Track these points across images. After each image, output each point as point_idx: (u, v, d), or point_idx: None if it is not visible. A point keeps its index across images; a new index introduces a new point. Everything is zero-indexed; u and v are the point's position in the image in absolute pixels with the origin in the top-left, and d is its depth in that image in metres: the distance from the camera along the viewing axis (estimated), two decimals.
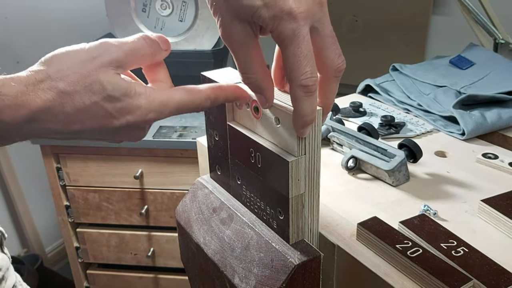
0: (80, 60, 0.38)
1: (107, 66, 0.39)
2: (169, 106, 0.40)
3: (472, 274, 0.40)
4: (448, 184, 0.58)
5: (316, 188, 0.44)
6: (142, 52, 0.41)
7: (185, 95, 0.41)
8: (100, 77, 0.38)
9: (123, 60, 0.39)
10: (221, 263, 0.49)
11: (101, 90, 0.38)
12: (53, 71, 0.38)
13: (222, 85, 0.43)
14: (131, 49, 0.40)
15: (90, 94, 0.38)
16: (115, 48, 0.40)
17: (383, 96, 0.83)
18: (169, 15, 1.32)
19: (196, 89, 0.42)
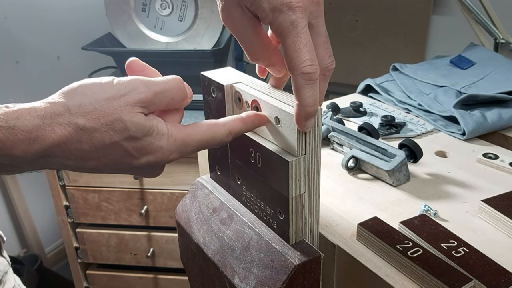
0: (105, 97, 0.37)
1: (133, 105, 0.37)
2: (190, 145, 0.40)
3: (473, 274, 0.40)
4: (448, 184, 0.58)
5: (316, 188, 0.44)
6: (172, 95, 0.40)
7: (206, 132, 0.40)
8: (123, 116, 0.36)
9: (150, 101, 0.38)
10: (221, 263, 0.48)
11: (123, 130, 0.36)
12: (74, 105, 0.36)
13: (242, 117, 0.42)
14: (162, 91, 0.39)
15: (111, 133, 0.36)
16: (144, 87, 0.38)
17: (383, 96, 0.83)
18: (169, 14, 1.32)
19: (218, 125, 0.41)
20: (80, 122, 0.35)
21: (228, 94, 0.47)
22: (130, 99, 0.37)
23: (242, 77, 0.48)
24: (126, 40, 1.35)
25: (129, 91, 0.37)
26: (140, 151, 0.38)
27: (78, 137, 0.35)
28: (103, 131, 0.36)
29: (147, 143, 0.38)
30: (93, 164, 0.37)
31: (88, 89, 0.37)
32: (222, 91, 0.46)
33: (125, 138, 0.37)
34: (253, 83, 0.46)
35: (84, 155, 0.36)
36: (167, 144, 0.39)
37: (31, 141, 0.34)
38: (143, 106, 0.38)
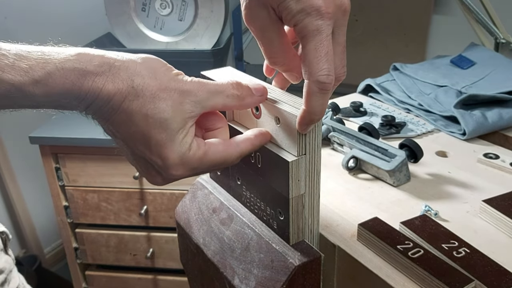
0: (170, 76, 0.38)
1: (187, 96, 0.38)
2: (203, 165, 0.40)
3: (474, 275, 0.40)
4: (449, 184, 0.57)
5: (317, 189, 0.44)
6: (227, 93, 0.40)
7: (221, 154, 0.40)
8: (172, 96, 0.37)
9: (204, 97, 0.39)
10: (221, 264, 0.48)
11: (162, 110, 0.37)
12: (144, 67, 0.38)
13: (251, 138, 0.42)
14: (215, 89, 0.39)
15: (151, 106, 0.37)
16: (200, 84, 0.39)
17: (383, 96, 0.83)
18: (169, 14, 1.31)
19: (232, 147, 0.41)
20: (135, 80, 0.37)
21: None
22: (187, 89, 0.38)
23: (242, 77, 0.47)
24: (126, 40, 1.35)
25: (189, 81, 0.39)
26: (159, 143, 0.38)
27: (125, 94, 0.36)
28: (147, 99, 0.37)
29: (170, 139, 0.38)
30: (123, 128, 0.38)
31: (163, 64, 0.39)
32: None
33: (159, 119, 0.37)
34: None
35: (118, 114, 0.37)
36: (183, 154, 0.38)
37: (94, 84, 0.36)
38: (196, 101, 0.38)
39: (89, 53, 0.36)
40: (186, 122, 0.38)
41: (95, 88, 0.36)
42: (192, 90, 0.38)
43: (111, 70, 0.36)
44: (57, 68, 0.35)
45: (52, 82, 0.35)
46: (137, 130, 0.37)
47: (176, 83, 0.38)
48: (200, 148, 0.39)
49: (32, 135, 1.27)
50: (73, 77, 0.35)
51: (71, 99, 0.36)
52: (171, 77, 0.38)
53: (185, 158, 0.39)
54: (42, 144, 1.29)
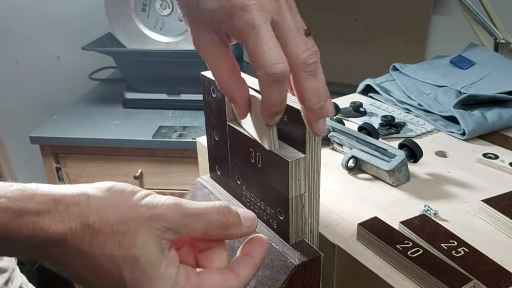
0: (131, 204, 0.33)
1: (155, 222, 0.33)
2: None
3: (473, 275, 0.40)
4: (448, 184, 0.58)
5: (316, 188, 0.44)
6: (209, 219, 0.34)
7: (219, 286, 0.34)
8: (136, 231, 0.32)
9: (178, 222, 0.33)
10: None
11: (128, 246, 0.32)
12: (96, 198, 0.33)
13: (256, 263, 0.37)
14: (194, 212, 0.34)
15: (115, 244, 0.32)
16: (174, 207, 0.33)
17: (383, 96, 0.83)
18: (169, 14, 1.32)
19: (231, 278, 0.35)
20: (89, 218, 0.32)
21: None
22: (155, 216, 0.33)
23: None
24: (126, 40, 1.35)
25: (158, 204, 0.33)
26: (137, 282, 0.32)
27: (81, 234, 0.32)
28: (108, 237, 0.32)
29: (148, 276, 0.32)
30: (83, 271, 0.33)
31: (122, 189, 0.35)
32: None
33: (127, 256, 0.32)
34: (253, 83, 0.46)
35: (79, 256, 0.32)
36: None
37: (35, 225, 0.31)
38: (168, 227, 0.33)
39: (32, 190, 0.32)
40: (162, 251, 0.33)
41: (38, 229, 0.31)
42: (163, 214, 0.33)
43: (57, 208, 0.32)
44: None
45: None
46: (106, 274, 0.32)
47: (141, 210, 0.33)
48: (191, 280, 0.34)
49: (33, 135, 1.27)
50: (6, 218, 0.30)
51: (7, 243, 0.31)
52: (134, 204, 0.33)
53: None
54: (42, 144, 1.30)
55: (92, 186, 0.34)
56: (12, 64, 1.71)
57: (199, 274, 0.35)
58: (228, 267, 0.36)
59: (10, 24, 1.64)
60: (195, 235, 0.35)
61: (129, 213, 0.33)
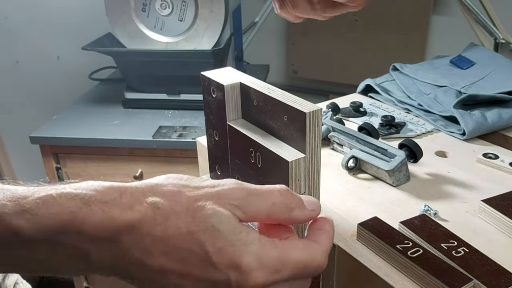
0: (196, 185, 0.32)
1: (223, 199, 0.32)
2: (287, 265, 0.31)
3: (473, 275, 0.40)
4: (448, 184, 0.58)
5: (316, 188, 0.44)
6: (273, 200, 0.33)
7: (304, 251, 0.33)
8: (208, 204, 0.31)
9: (243, 199, 0.32)
10: None
11: (204, 218, 0.30)
12: (159, 184, 0.32)
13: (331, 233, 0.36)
14: (258, 193, 0.33)
15: (189, 220, 0.30)
16: (238, 185, 0.33)
17: (383, 96, 0.83)
18: (169, 14, 1.31)
19: (314, 245, 0.34)
20: (158, 200, 0.31)
21: (228, 94, 0.47)
22: (221, 192, 0.32)
23: (242, 77, 0.48)
24: (126, 40, 1.35)
25: (222, 184, 0.33)
26: (222, 252, 0.30)
27: (153, 217, 0.30)
28: (181, 216, 0.30)
29: (232, 243, 0.30)
30: (161, 261, 0.30)
31: (180, 176, 0.33)
32: (222, 91, 0.46)
33: (205, 228, 0.30)
34: (253, 83, 0.46)
35: (153, 243, 0.30)
36: (257, 253, 0.30)
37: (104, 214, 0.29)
38: (235, 205, 0.32)
39: (90, 183, 0.32)
40: (239, 220, 0.32)
41: (107, 219, 0.29)
42: (229, 191, 0.32)
43: (123, 197, 0.31)
44: (51, 196, 0.29)
45: (44, 211, 0.28)
46: (187, 254, 0.30)
47: (206, 189, 0.32)
48: (276, 242, 0.32)
49: (33, 135, 1.27)
50: (73, 206, 0.29)
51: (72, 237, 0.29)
52: (197, 185, 0.33)
53: (263, 257, 0.30)
54: (42, 144, 1.30)
55: (150, 179, 0.33)
56: (12, 64, 1.71)
57: (282, 241, 0.33)
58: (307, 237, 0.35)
59: (10, 24, 1.64)
60: (260, 217, 0.33)
61: (195, 193, 0.32)
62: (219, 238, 0.30)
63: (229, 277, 0.30)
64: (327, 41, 1.81)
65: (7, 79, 1.73)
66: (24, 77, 1.73)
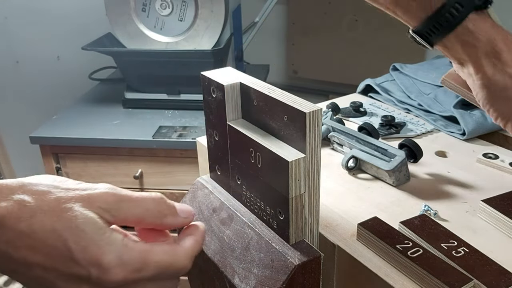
0: (67, 187, 0.34)
1: (92, 202, 0.33)
2: (148, 265, 0.34)
3: (473, 275, 0.40)
4: (448, 184, 0.58)
5: (316, 188, 0.44)
6: (146, 206, 0.36)
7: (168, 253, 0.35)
8: (75, 207, 0.32)
9: (114, 204, 0.34)
10: (221, 263, 0.48)
11: (69, 219, 0.32)
12: (29, 183, 0.33)
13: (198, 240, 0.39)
14: (131, 199, 0.35)
15: (54, 219, 0.32)
16: (111, 190, 0.35)
17: (383, 96, 0.83)
18: (169, 14, 1.32)
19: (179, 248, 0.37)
20: (25, 198, 0.32)
21: (228, 94, 0.47)
22: (91, 195, 0.34)
23: (242, 77, 0.48)
24: (126, 40, 1.35)
25: (94, 188, 0.34)
26: (85, 250, 0.32)
27: (18, 214, 0.31)
28: (47, 214, 0.32)
29: (95, 242, 0.32)
30: (25, 254, 0.31)
31: (54, 178, 0.35)
32: (222, 91, 0.46)
33: (69, 227, 0.32)
34: (253, 83, 0.46)
35: (18, 237, 0.31)
36: (119, 251, 0.33)
37: None
38: (104, 208, 0.33)
39: None
40: (105, 222, 0.34)
41: None
42: (100, 195, 0.34)
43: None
44: None
45: None
46: (51, 249, 0.32)
47: (78, 191, 0.34)
48: (139, 244, 0.34)
49: (33, 135, 1.27)
50: None
51: None
52: (69, 186, 0.34)
53: (124, 256, 0.33)
54: (42, 144, 1.30)
55: (26, 177, 0.34)
56: (12, 64, 1.71)
57: (147, 242, 0.36)
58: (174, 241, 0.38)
59: (10, 24, 1.65)
60: (131, 220, 0.35)
61: (65, 194, 0.33)
62: (83, 238, 0.32)
63: (90, 273, 0.32)
64: (327, 41, 1.81)
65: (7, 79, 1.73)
66: (24, 77, 1.73)
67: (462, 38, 0.44)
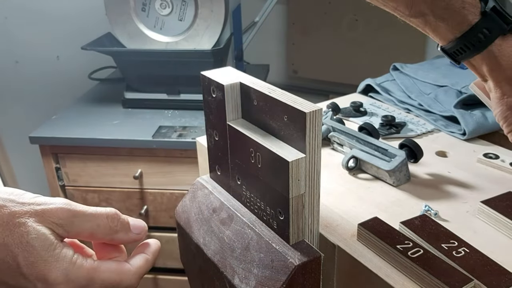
0: (21, 201, 0.34)
1: (46, 217, 0.34)
2: (94, 283, 0.35)
3: (473, 275, 0.40)
4: (449, 184, 0.57)
5: (317, 188, 0.44)
6: (98, 222, 0.37)
7: (115, 272, 0.36)
8: (28, 222, 0.33)
9: (66, 219, 0.35)
10: (221, 263, 0.48)
11: (20, 234, 0.32)
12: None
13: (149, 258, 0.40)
14: (83, 213, 0.36)
15: (7, 233, 0.32)
16: (65, 205, 0.35)
17: (383, 96, 0.83)
18: (169, 14, 1.31)
19: (127, 267, 0.37)
20: None
21: (228, 94, 0.46)
22: (45, 210, 0.34)
23: (242, 77, 0.47)
24: (126, 40, 1.35)
25: (49, 203, 0.35)
26: (33, 266, 0.33)
27: None
28: (1, 228, 0.32)
29: (44, 258, 0.33)
30: None
31: (11, 191, 0.35)
32: (222, 91, 0.46)
33: (20, 243, 0.32)
34: (253, 83, 0.46)
35: None
36: (66, 269, 0.33)
37: None
38: (57, 224, 0.34)
39: None
40: (56, 238, 0.34)
41: None
42: (53, 211, 0.35)
43: None
44: None
45: None
46: (0, 263, 0.33)
47: (32, 206, 0.34)
48: (88, 262, 0.35)
49: (32, 135, 1.27)
50: None
51: None
52: (24, 201, 0.35)
53: (71, 273, 0.34)
54: (42, 144, 1.29)
55: None
56: (12, 64, 1.71)
57: (96, 260, 0.37)
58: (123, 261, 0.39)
59: (10, 24, 1.64)
60: (84, 235, 0.36)
61: (19, 208, 0.34)
62: (32, 253, 0.33)
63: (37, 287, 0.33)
64: (327, 41, 1.81)
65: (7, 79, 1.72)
66: (23, 77, 1.73)
67: (486, 61, 0.46)
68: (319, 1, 1.77)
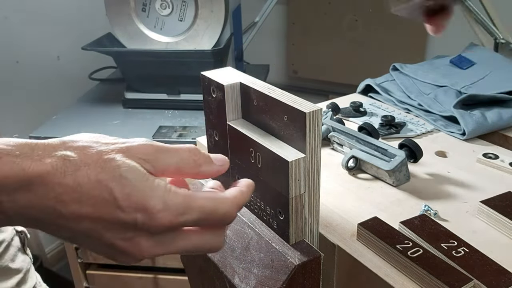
0: (106, 141, 0.35)
1: (133, 153, 0.34)
2: (191, 210, 0.34)
3: (473, 275, 0.40)
4: (448, 184, 0.58)
5: (316, 188, 0.44)
6: (181, 156, 0.36)
7: (210, 199, 0.35)
8: (118, 156, 0.33)
9: (152, 154, 0.35)
10: (221, 263, 0.48)
11: (112, 168, 0.32)
12: (70, 140, 0.34)
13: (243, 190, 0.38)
14: (167, 149, 0.36)
15: (98, 170, 0.32)
16: (148, 141, 0.36)
17: (383, 96, 0.83)
18: (169, 14, 1.31)
19: (222, 195, 0.37)
20: (68, 153, 0.33)
21: (228, 94, 0.47)
22: (131, 147, 0.34)
23: (242, 77, 0.48)
24: (126, 40, 1.35)
25: (132, 141, 0.35)
26: (130, 197, 0.32)
27: (63, 168, 0.32)
28: (91, 167, 0.32)
29: (139, 189, 0.33)
30: (73, 208, 0.32)
31: (93, 135, 0.36)
32: (222, 91, 0.46)
33: (113, 177, 0.32)
34: (253, 83, 0.46)
35: (64, 192, 0.32)
36: (163, 196, 0.33)
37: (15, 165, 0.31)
38: (144, 159, 0.34)
39: (5, 139, 0.32)
40: (147, 170, 0.34)
41: (18, 169, 0.31)
42: (138, 147, 0.35)
43: (35, 152, 0.32)
44: None
45: None
46: (97, 200, 0.32)
47: (117, 144, 0.35)
48: (182, 190, 0.35)
49: (33, 135, 1.27)
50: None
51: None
52: (109, 141, 0.35)
53: (168, 200, 0.33)
54: None
55: (66, 136, 0.36)
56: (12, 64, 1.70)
57: (191, 189, 0.36)
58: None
59: (10, 24, 1.64)
60: (170, 170, 0.36)
61: (106, 147, 0.34)
62: (127, 185, 0.32)
63: (136, 219, 0.32)
64: (327, 41, 1.81)
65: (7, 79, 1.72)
66: (24, 77, 1.73)
67: None
68: (319, 1, 1.77)
